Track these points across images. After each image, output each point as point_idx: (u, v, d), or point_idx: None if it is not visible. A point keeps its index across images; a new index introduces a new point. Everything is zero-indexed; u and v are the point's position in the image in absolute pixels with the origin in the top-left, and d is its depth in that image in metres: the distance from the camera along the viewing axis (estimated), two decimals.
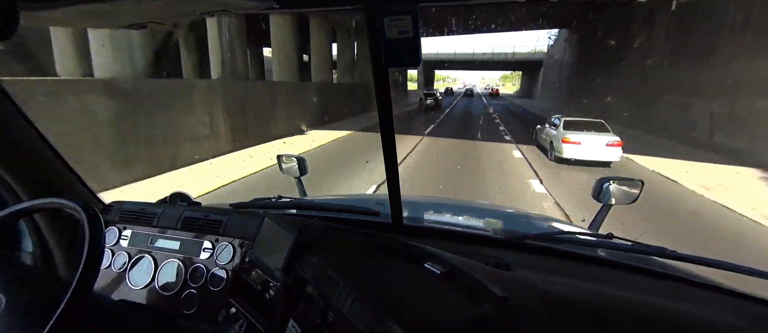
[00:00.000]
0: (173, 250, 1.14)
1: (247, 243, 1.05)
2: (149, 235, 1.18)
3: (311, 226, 1.01)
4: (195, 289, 1.07)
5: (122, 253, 1.17)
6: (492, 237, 1.09)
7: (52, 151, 1.12)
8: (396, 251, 0.90)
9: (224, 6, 0.75)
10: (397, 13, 0.67)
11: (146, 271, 1.13)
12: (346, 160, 8.42)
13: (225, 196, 5.56)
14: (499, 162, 8.17)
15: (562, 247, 1.03)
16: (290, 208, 1.33)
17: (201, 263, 1.10)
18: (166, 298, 1.08)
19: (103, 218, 0.72)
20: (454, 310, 0.63)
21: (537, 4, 16.96)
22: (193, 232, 1.15)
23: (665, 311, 0.72)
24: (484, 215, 1.67)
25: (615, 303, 0.72)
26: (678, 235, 4.43)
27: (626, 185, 1.40)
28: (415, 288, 0.71)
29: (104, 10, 0.72)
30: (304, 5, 0.75)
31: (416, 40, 0.68)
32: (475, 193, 5.77)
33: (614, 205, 1.40)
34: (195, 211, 1.20)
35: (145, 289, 1.11)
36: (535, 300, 0.68)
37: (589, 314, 0.66)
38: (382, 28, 0.68)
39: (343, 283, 0.78)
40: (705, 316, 0.73)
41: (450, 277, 0.76)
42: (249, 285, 0.99)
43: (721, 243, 4.34)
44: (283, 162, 1.75)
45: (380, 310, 0.68)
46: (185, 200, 1.40)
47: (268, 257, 0.94)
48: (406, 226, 1.10)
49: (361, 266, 0.81)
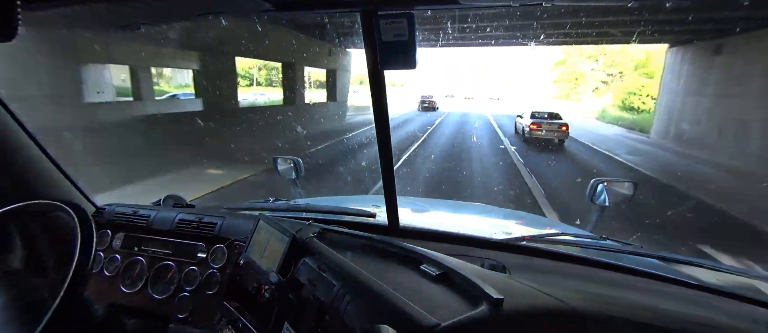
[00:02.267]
0: (167, 254, 1.13)
1: (241, 246, 1.04)
2: (142, 237, 1.17)
3: (306, 228, 1.01)
4: (189, 293, 1.06)
5: (114, 256, 1.15)
6: (487, 239, 1.09)
7: (45, 154, 1.11)
8: (392, 253, 0.90)
9: (220, 8, 0.75)
10: (393, 16, 0.67)
11: (139, 275, 1.12)
12: None
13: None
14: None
15: (558, 248, 1.03)
16: (285, 211, 1.32)
17: (195, 266, 1.09)
18: (160, 302, 1.07)
19: (95, 221, 0.71)
20: (450, 312, 0.63)
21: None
22: (187, 235, 1.14)
23: (659, 312, 0.73)
24: (479, 217, 1.68)
25: (610, 304, 0.73)
26: None
27: (620, 187, 1.41)
28: (411, 290, 0.71)
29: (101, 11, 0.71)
30: (300, 8, 0.75)
31: (412, 42, 0.69)
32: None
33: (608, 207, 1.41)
34: (189, 214, 1.19)
35: (138, 293, 1.10)
36: (531, 302, 0.68)
37: (584, 316, 0.66)
38: (378, 30, 0.68)
39: (339, 286, 0.77)
40: (698, 317, 0.74)
41: (445, 279, 0.76)
42: (243, 288, 0.98)
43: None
44: (278, 164, 1.74)
45: (376, 312, 0.68)
46: (179, 202, 1.39)
47: (263, 260, 0.93)
48: (402, 228, 1.10)
49: (357, 269, 0.81)
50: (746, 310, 0.83)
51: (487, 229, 1.38)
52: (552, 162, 8.81)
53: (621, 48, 26.87)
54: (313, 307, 0.80)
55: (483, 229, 1.34)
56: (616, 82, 26.99)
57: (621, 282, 0.92)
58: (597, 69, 30.29)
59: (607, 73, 29.55)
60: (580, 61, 31.35)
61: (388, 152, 0.92)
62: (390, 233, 1.07)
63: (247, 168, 6.89)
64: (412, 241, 0.95)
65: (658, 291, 0.89)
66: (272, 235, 0.95)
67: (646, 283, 0.92)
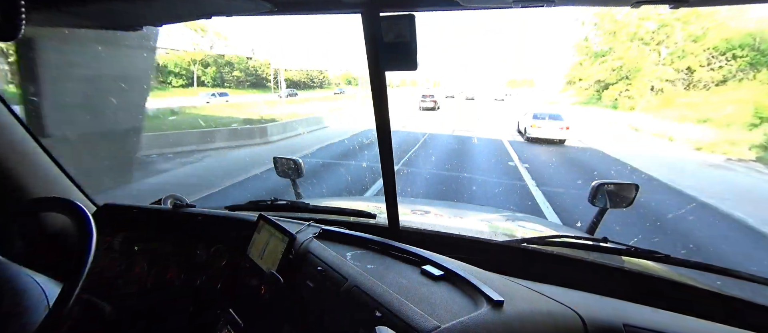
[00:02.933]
0: (167, 253, 1.13)
1: (242, 245, 1.04)
2: (143, 236, 1.17)
3: (307, 229, 1.01)
4: (189, 292, 1.06)
5: (115, 256, 1.15)
6: (488, 240, 1.09)
7: (47, 154, 1.11)
8: (392, 255, 0.90)
9: (220, 9, 0.75)
10: (394, 17, 0.67)
11: (139, 274, 1.12)
12: None
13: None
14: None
15: (557, 250, 1.03)
16: (285, 211, 1.32)
17: (195, 266, 1.09)
18: (160, 302, 1.07)
19: (96, 220, 0.71)
20: (450, 314, 0.63)
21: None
22: (188, 235, 1.14)
23: (658, 315, 0.73)
24: (479, 219, 1.67)
25: (609, 307, 0.73)
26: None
27: (622, 189, 1.41)
28: (411, 291, 0.71)
29: (103, 12, 0.72)
30: (301, 9, 0.75)
31: (413, 44, 0.69)
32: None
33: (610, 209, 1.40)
34: (189, 213, 1.19)
35: (138, 293, 1.10)
36: (531, 304, 0.68)
37: (584, 318, 0.66)
38: (379, 31, 0.68)
39: (339, 287, 0.77)
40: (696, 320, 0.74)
41: (446, 280, 0.75)
42: (244, 288, 0.98)
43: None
44: (279, 164, 1.74)
45: (376, 314, 0.68)
46: (179, 202, 1.39)
47: (263, 260, 0.93)
48: (402, 229, 1.10)
49: (357, 270, 0.81)
50: (745, 312, 0.83)
51: (486, 231, 1.38)
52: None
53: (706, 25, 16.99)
54: (313, 308, 0.80)
55: (483, 231, 1.34)
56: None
57: (621, 284, 0.92)
58: (660, 61, 19.17)
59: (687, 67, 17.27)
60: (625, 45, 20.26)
61: (389, 154, 0.92)
62: (390, 234, 1.07)
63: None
64: (412, 243, 0.95)
65: (659, 294, 0.89)
66: (272, 236, 0.95)
67: (647, 286, 0.92)
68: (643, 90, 19.46)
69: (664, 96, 18.10)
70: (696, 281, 0.93)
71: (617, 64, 20.97)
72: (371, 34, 0.72)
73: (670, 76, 18.61)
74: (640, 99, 19.05)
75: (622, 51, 20.89)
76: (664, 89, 18.59)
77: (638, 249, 0.97)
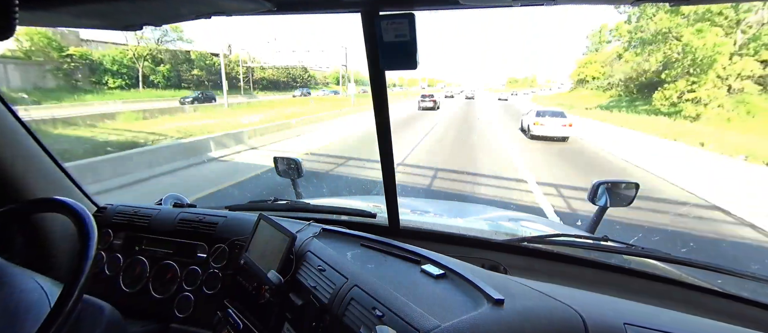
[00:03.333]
0: (167, 253, 1.13)
1: (242, 245, 1.04)
2: (143, 237, 1.17)
3: (307, 228, 1.01)
4: (190, 293, 1.06)
5: (115, 256, 1.15)
6: (488, 240, 1.09)
7: (48, 154, 1.11)
8: (392, 254, 0.90)
9: (220, 9, 0.75)
10: (393, 16, 0.67)
11: (140, 275, 1.12)
12: None
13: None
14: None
15: (558, 249, 1.03)
16: (286, 211, 1.32)
17: (195, 266, 1.09)
18: (160, 302, 1.07)
19: (97, 220, 0.71)
20: (450, 313, 0.63)
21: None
22: (188, 235, 1.14)
23: (659, 313, 0.72)
24: (480, 217, 1.67)
25: (610, 305, 0.73)
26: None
27: (622, 188, 1.40)
28: (412, 291, 0.71)
29: (101, 11, 0.72)
30: (301, 9, 0.75)
31: (413, 43, 0.69)
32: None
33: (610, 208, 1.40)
34: (190, 214, 1.19)
35: (139, 293, 1.10)
36: (531, 303, 0.68)
37: (584, 317, 0.66)
38: (379, 30, 0.68)
39: (339, 287, 0.77)
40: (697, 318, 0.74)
41: (446, 279, 0.75)
42: (244, 288, 0.98)
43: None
44: (279, 164, 1.74)
45: (376, 313, 0.68)
46: (180, 202, 1.39)
47: (264, 260, 0.93)
48: (403, 228, 1.10)
49: (357, 269, 0.81)
50: (745, 310, 0.83)
51: (487, 230, 1.38)
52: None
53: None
54: (314, 308, 0.80)
55: (483, 230, 1.34)
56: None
57: (621, 283, 0.92)
58: (735, 51, 13.54)
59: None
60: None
61: (389, 153, 0.92)
62: (390, 234, 1.07)
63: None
64: (413, 242, 0.95)
65: (657, 292, 0.89)
66: (273, 235, 0.95)
67: (647, 285, 0.92)
68: (714, 90, 13.34)
69: (744, 100, 12.32)
70: (696, 280, 0.93)
71: (676, 54, 14.69)
72: (371, 33, 0.72)
73: (756, 70, 12.87)
74: (713, 103, 13.35)
75: (688, 35, 14.12)
76: (745, 88, 13.03)
77: (638, 248, 0.97)
